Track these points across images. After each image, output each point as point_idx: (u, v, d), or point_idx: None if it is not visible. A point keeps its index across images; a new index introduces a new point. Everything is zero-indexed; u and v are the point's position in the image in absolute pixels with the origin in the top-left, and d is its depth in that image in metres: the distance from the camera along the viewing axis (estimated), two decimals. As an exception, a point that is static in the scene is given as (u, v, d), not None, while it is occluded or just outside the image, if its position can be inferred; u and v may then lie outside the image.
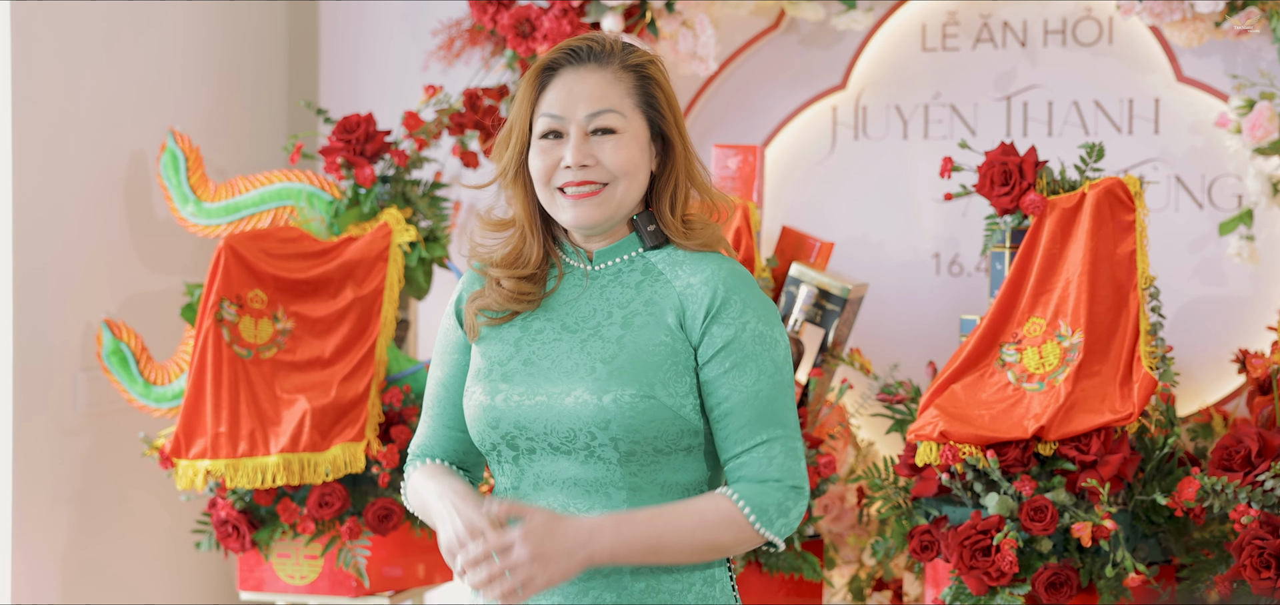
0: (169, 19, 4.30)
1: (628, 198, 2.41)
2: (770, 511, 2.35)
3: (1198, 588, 3.39)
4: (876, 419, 3.94)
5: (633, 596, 2.36)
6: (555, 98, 2.40)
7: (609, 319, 2.40)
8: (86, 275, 4.07)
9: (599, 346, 2.37)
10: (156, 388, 3.94)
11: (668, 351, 2.37)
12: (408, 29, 4.53)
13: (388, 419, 3.80)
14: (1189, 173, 3.96)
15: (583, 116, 2.38)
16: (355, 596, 3.81)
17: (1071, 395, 3.29)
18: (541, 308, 2.44)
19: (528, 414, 2.37)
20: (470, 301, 2.47)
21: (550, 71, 2.42)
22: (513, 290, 2.44)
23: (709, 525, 2.34)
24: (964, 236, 4.11)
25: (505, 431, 2.39)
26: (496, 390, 2.40)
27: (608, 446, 2.33)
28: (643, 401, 2.33)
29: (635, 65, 2.42)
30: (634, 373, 2.34)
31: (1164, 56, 3.97)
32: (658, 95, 2.42)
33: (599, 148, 2.38)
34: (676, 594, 2.38)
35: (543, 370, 2.38)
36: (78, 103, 4.03)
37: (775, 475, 2.36)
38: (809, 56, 4.23)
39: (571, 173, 2.38)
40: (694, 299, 2.38)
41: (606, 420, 2.32)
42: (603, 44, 2.42)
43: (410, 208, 3.92)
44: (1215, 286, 3.94)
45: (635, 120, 2.40)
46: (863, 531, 3.94)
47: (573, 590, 2.36)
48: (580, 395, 2.34)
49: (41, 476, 3.96)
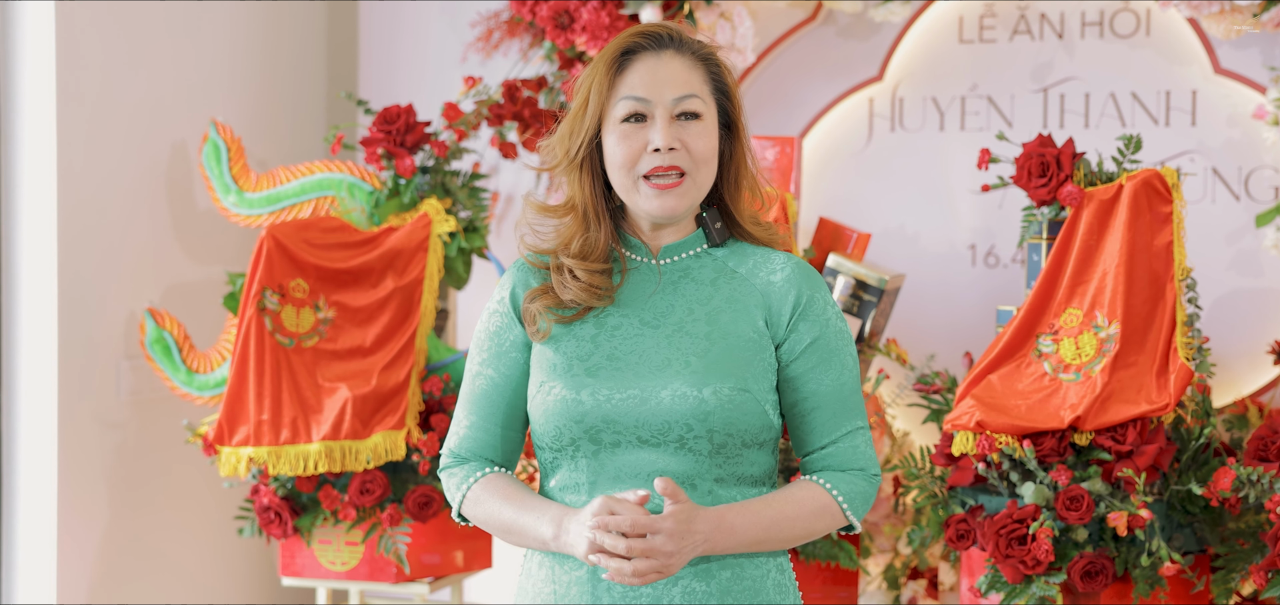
0: (211, 11, 4.34)
1: (705, 187, 2.42)
2: (857, 500, 2.44)
3: (1233, 577, 3.40)
4: (912, 409, 3.95)
5: (720, 585, 2.39)
6: (639, 80, 2.38)
7: (691, 315, 2.41)
8: (130, 265, 4.11)
9: (688, 342, 2.39)
10: (199, 376, 3.98)
11: (755, 348, 2.40)
12: (446, 21, 4.56)
13: (428, 407, 3.83)
14: (1226, 164, 3.96)
15: (670, 99, 2.38)
16: (395, 582, 3.84)
17: (1108, 386, 3.30)
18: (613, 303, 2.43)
19: (619, 408, 2.36)
20: (530, 298, 2.45)
21: (629, 55, 2.40)
22: (588, 284, 2.42)
23: (808, 514, 2.41)
24: (1000, 228, 4.12)
25: (590, 426, 2.37)
26: (582, 385, 2.38)
27: (702, 439, 2.35)
28: (740, 395, 2.36)
29: (706, 56, 2.43)
30: (730, 367, 2.37)
31: (1201, 48, 3.97)
32: (729, 84, 2.44)
33: (685, 132, 2.38)
34: (757, 581, 2.42)
35: (631, 365, 2.38)
36: (120, 95, 4.07)
37: (860, 464, 2.45)
38: (846, 48, 4.24)
39: (660, 157, 2.36)
40: (779, 298, 2.41)
41: (706, 413, 2.35)
42: (677, 32, 2.42)
43: (450, 198, 3.95)
44: (1252, 278, 3.94)
45: (712, 108, 2.41)
46: (898, 521, 3.96)
47: (663, 582, 2.37)
48: (679, 389, 2.35)
49: (85, 464, 4.01)
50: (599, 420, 2.37)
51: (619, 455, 2.38)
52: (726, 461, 2.38)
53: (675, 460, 2.36)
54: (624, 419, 2.37)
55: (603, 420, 2.37)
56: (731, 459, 2.38)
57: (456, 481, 2.50)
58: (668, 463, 2.36)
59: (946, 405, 3.63)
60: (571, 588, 2.41)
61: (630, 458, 2.37)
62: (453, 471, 2.51)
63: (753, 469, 2.42)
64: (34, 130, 3.89)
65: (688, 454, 2.36)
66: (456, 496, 2.49)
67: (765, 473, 2.44)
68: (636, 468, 2.37)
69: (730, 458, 2.38)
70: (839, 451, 2.44)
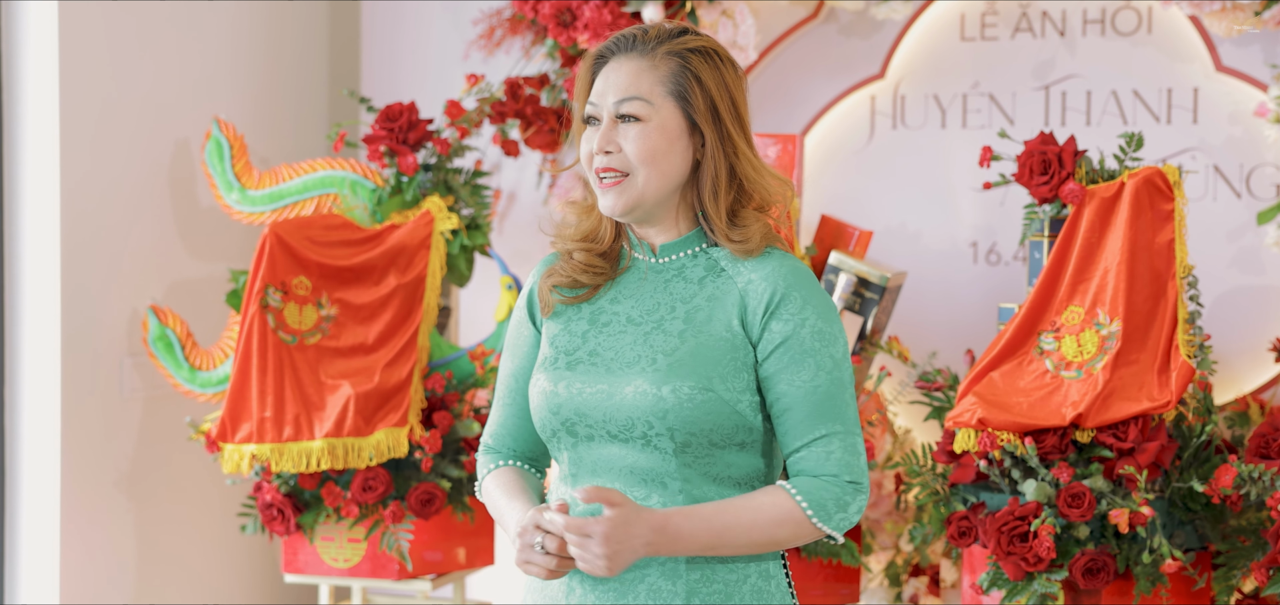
0: (213, 9, 4.34)
1: (650, 187, 2.39)
2: (828, 506, 2.36)
3: (1234, 574, 3.40)
4: (914, 406, 3.95)
5: (687, 586, 2.38)
6: (597, 86, 2.42)
7: (672, 313, 2.42)
8: (133, 262, 4.12)
9: (661, 339, 2.40)
10: (202, 372, 3.98)
11: (728, 347, 2.39)
12: (449, 18, 4.56)
13: (430, 404, 3.83)
14: (1227, 162, 3.96)
15: (611, 104, 2.40)
16: (397, 579, 3.85)
17: (1109, 383, 3.31)
18: (610, 300, 2.46)
19: (588, 402, 2.39)
20: (545, 278, 2.51)
21: (601, 60, 2.44)
22: (583, 261, 2.47)
23: (767, 521, 2.35)
24: (1002, 226, 4.12)
25: (565, 418, 2.41)
26: (560, 378, 2.42)
27: (664, 437, 2.35)
28: (701, 395, 2.35)
29: (681, 52, 2.39)
30: (693, 367, 2.36)
31: (1203, 46, 3.97)
32: (688, 83, 2.39)
33: (622, 135, 2.39)
34: (731, 586, 2.40)
35: (606, 361, 2.41)
36: (124, 93, 4.08)
37: (832, 470, 2.37)
38: (848, 46, 4.25)
39: (598, 159, 2.40)
40: (754, 295, 2.39)
41: (664, 412, 2.35)
42: (652, 31, 2.42)
43: (452, 195, 3.95)
44: (1253, 276, 3.94)
45: (666, 108, 2.39)
46: (900, 518, 3.97)
47: (629, 578, 2.38)
48: (640, 386, 2.36)
49: (89, 460, 4.01)
50: (572, 413, 2.41)
51: (594, 449, 2.41)
52: (695, 460, 2.37)
53: (643, 456, 2.38)
54: (593, 413, 2.39)
55: (576, 413, 2.41)
56: (701, 458, 2.37)
57: (480, 473, 2.58)
58: (636, 459, 2.38)
59: (948, 403, 3.64)
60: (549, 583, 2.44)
61: (603, 452, 2.40)
62: (481, 461, 2.59)
63: (730, 470, 2.40)
64: (37, 128, 3.89)
65: (654, 451, 2.37)
66: (478, 487, 2.58)
67: (748, 475, 2.41)
68: (609, 462, 2.40)
69: (699, 457, 2.37)
70: (810, 455, 2.38)
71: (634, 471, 2.38)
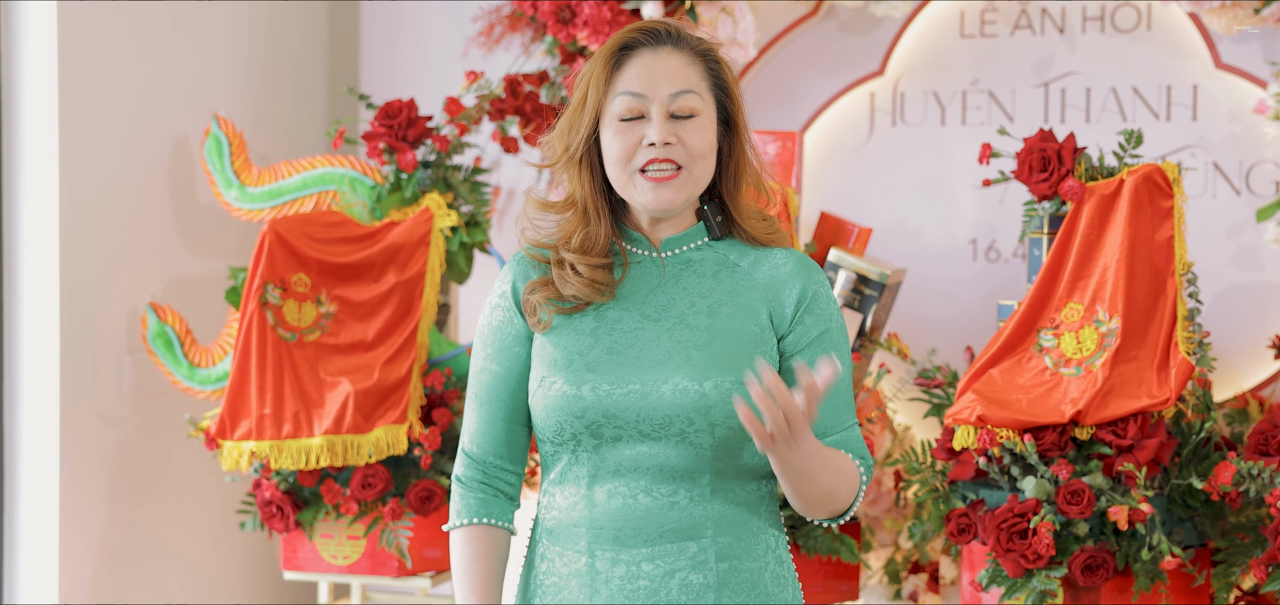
0: (213, 7, 4.34)
1: (702, 181, 2.42)
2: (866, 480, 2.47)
3: (1233, 571, 3.40)
4: (913, 403, 3.96)
5: (717, 576, 2.40)
6: (636, 76, 2.39)
7: (692, 308, 2.42)
8: (132, 259, 4.12)
9: (689, 335, 2.40)
10: (201, 370, 3.99)
11: (757, 341, 2.41)
12: (448, 15, 4.56)
13: (429, 401, 3.83)
14: (1227, 159, 3.97)
15: (666, 95, 2.38)
16: (397, 576, 3.85)
17: (1109, 380, 3.31)
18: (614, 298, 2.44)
19: (619, 402, 2.38)
20: (531, 290, 2.46)
21: (627, 51, 2.41)
22: (589, 279, 2.43)
23: (843, 476, 2.41)
24: (1001, 223, 4.12)
25: (591, 421, 2.39)
26: (583, 380, 2.39)
27: (703, 431, 2.36)
28: (741, 389, 2.35)
29: (705, 52, 2.43)
30: (730, 360, 2.38)
31: (1202, 43, 3.97)
32: (728, 81, 2.44)
33: (681, 128, 2.39)
34: (754, 574, 2.42)
35: (631, 359, 2.39)
36: (123, 91, 4.08)
37: (862, 453, 2.46)
38: (847, 43, 4.25)
39: (655, 151, 2.38)
40: (784, 291, 2.43)
41: (707, 406, 2.35)
42: (676, 28, 2.43)
43: (451, 192, 3.95)
44: (1252, 273, 3.94)
45: (710, 104, 2.42)
46: (899, 515, 3.97)
47: (661, 569, 2.39)
48: (680, 382, 2.36)
49: (87, 458, 4.01)
50: (600, 415, 2.39)
51: (619, 449, 2.39)
52: (728, 454, 2.39)
53: (676, 453, 2.37)
54: (625, 413, 2.38)
55: (603, 415, 2.39)
56: (732, 451, 2.39)
57: (456, 508, 2.53)
58: (669, 455, 2.38)
59: (947, 400, 3.64)
60: (570, 581, 2.43)
61: (630, 451, 2.39)
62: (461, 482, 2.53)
63: (754, 459, 2.42)
64: (36, 125, 3.89)
65: (689, 447, 2.37)
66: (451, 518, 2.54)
67: (765, 464, 2.44)
68: (637, 461, 2.39)
69: (732, 450, 2.39)
70: (845, 442, 2.44)
71: (664, 469, 2.38)
